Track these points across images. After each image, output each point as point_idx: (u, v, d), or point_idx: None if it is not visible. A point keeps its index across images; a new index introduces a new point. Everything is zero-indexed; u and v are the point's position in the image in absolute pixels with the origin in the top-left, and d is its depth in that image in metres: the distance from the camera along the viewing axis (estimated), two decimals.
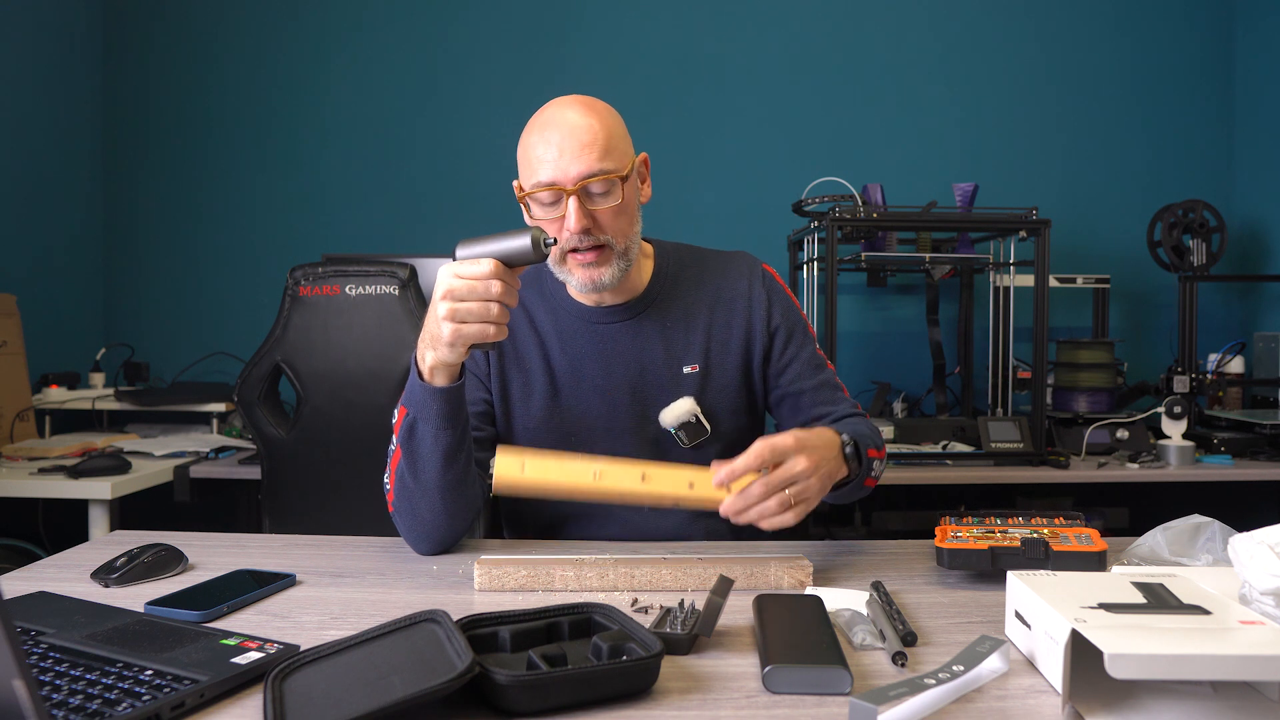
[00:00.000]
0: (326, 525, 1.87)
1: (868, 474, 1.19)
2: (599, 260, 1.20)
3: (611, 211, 1.19)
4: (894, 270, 2.90)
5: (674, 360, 1.29)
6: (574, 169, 1.16)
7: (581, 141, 1.16)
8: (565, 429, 1.28)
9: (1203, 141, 3.14)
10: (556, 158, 1.16)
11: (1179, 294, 2.70)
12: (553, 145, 1.17)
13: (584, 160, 1.16)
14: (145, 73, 3.15)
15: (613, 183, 1.18)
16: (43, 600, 0.96)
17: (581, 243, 1.19)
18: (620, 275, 1.23)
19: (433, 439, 1.11)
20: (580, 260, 1.20)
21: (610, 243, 1.20)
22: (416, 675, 0.71)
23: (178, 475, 2.28)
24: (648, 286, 1.31)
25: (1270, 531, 0.82)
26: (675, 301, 1.31)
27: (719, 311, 1.31)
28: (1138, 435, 2.51)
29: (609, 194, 1.19)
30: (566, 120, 1.18)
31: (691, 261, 1.35)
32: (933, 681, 0.72)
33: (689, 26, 3.11)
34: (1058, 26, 3.12)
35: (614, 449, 1.26)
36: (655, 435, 1.28)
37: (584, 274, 1.21)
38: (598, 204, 1.19)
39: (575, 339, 1.30)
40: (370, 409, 1.93)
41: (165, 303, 3.14)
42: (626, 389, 1.28)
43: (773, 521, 1.03)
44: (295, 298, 1.95)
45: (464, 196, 3.09)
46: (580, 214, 1.17)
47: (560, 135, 1.17)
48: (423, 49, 3.12)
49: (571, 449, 1.26)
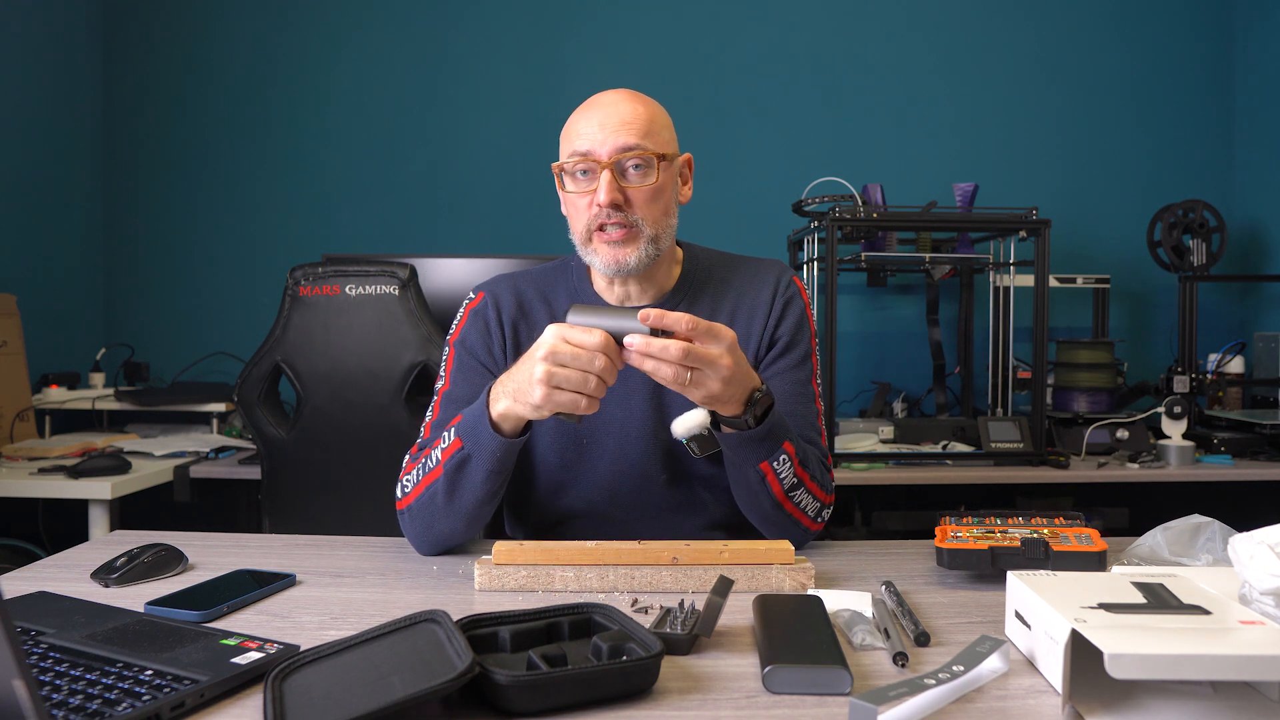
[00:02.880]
0: (326, 525, 1.86)
1: (767, 455, 1.11)
2: (626, 240, 1.17)
3: (646, 192, 1.17)
4: (894, 270, 2.90)
5: None
6: (611, 142, 1.15)
7: (623, 118, 1.16)
8: (578, 432, 1.25)
9: (1203, 141, 3.14)
10: (595, 131, 1.16)
11: (1179, 294, 2.70)
12: (594, 121, 1.17)
13: (622, 135, 1.15)
14: (145, 73, 3.15)
15: (650, 162, 1.17)
16: (43, 600, 0.96)
17: (610, 218, 1.16)
18: (646, 261, 1.19)
19: (483, 480, 1.11)
20: (606, 239, 1.17)
21: (640, 224, 1.17)
22: (416, 675, 0.71)
23: (178, 475, 2.28)
24: (673, 289, 1.28)
25: (1270, 531, 0.82)
26: (699, 309, 1.26)
27: (739, 318, 1.27)
28: (1138, 435, 2.51)
29: (645, 174, 1.17)
30: (611, 100, 1.19)
31: (720, 266, 1.32)
32: (933, 681, 0.72)
33: (689, 26, 3.11)
34: (1058, 27, 3.12)
35: (628, 454, 1.23)
36: (667, 443, 1.23)
37: (609, 253, 1.18)
38: (632, 182, 1.17)
39: None
40: (370, 409, 1.93)
41: (165, 303, 3.14)
42: (644, 393, 1.24)
43: (656, 376, 1.00)
44: (295, 298, 1.95)
45: (464, 196, 3.09)
46: (611, 187, 1.14)
47: (603, 113, 1.17)
48: (423, 49, 3.12)
49: (584, 452, 1.25)
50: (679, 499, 1.25)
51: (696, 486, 1.25)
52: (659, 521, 1.25)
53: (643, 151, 1.16)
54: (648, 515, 1.25)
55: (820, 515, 1.20)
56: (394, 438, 1.90)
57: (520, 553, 1.05)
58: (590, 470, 1.25)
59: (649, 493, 1.25)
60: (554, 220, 3.23)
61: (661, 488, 1.25)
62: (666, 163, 1.19)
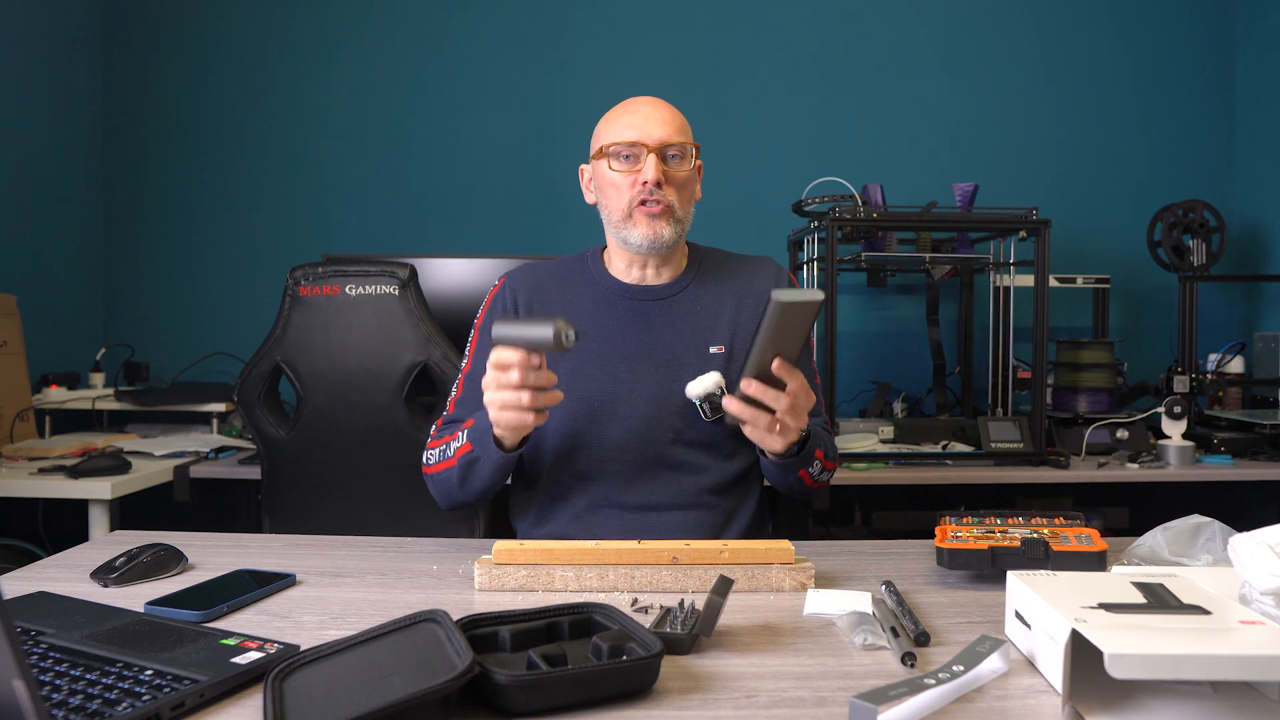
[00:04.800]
0: (326, 525, 1.87)
1: (806, 465, 1.28)
2: (662, 215, 1.32)
3: (682, 178, 1.34)
4: (894, 270, 2.90)
5: (702, 339, 1.36)
6: (656, 133, 1.32)
7: (663, 116, 1.34)
8: (588, 395, 1.32)
9: (1202, 141, 3.14)
10: (642, 123, 1.32)
11: (1179, 294, 2.70)
12: (638, 115, 1.33)
13: (665, 129, 1.32)
14: (145, 73, 3.15)
15: (686, 152, 1.34)
16: (43, 600, 0.96)
17: (652, 194, 1.30)
18: (673, 240, 1.34)
19: (490, 474, 1.25)
20: (647, 211, 1.31)
21: (674, 206, 1.33)
22: (416, 675, 0.71)
23: (178, 475, 2.28)
24: (683, 273, 1.42)
25: (1270, 531, 0.82)
26: (706, 289, 1.41)
27: (745, 304, 1.39)
28: (1138, 435, 2.51)
29: (681, 163, 1.34)
30: (652, 102, 1.36)
31: (721, 260, 1.46)
32: (933, 681, 0.72)
33: (689, 26, 3.11)
34: (1058, 26, 3.12)
35: (636, 416, 1.31)
36: (679, 406, 1.32)
37: (648, 225, 1.32)
38: (671, 166, 1.33)
39: (610, 309, 1.38)
40: (370, 409, 1.93)
41: (165, 303, 3.14)
42: (654, 359, 1.34)
43: (757, 432, 1.16)
44: (295, 298, 1.95)
45: (464, 196, 3.09)
46: (657, 167, 1.30)
47: (646, 109, 1.34)
48: (423, 49, 3.12)
49: (593, 415, 1.32)
50: (684, 460, 1.33)
51: (699, 449, 1.34)
52: (665, 482, 1.32)
53: (683, 143, 1.33)
54: (655, 475, 1.32)
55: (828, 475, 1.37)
56: (394, 438, 1.90)
57: (520, 552, 1.05)
58: (599, 433, 1.33)
59: (654, 453, 1.32)
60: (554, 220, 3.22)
61: (666, 449, 1.32)
62: (696, 157, 1.37)
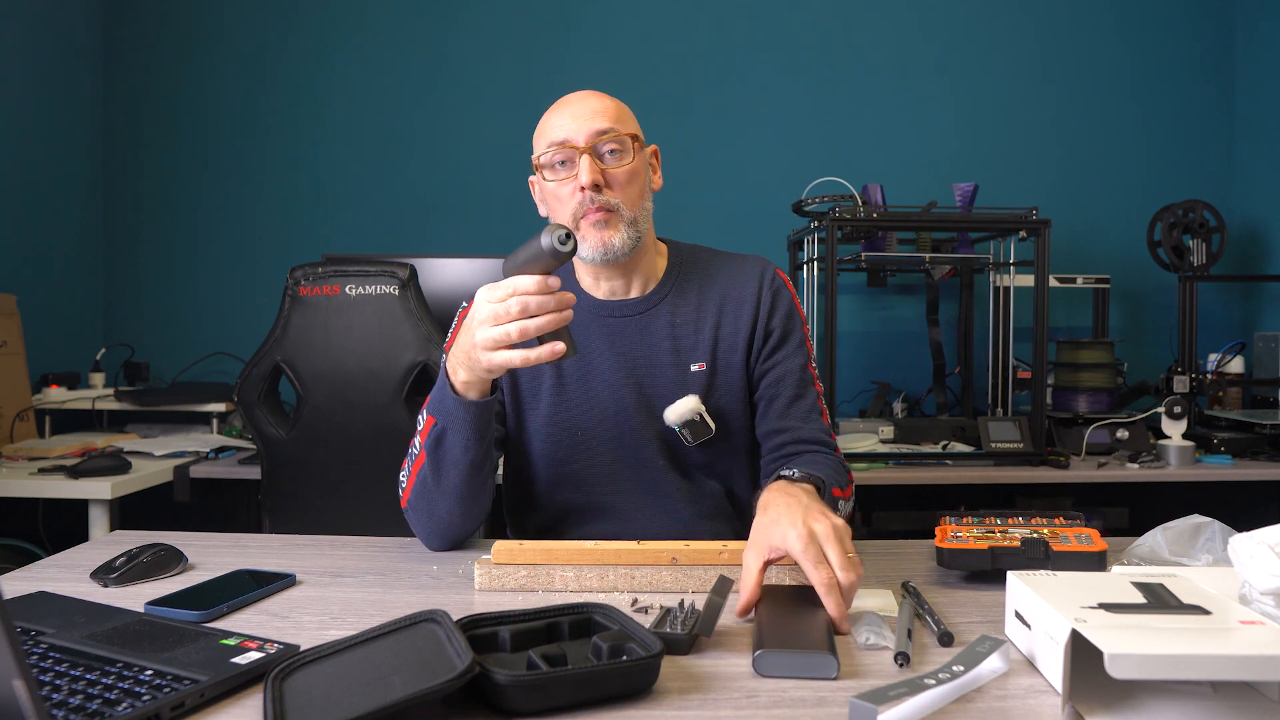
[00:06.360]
0: (326, 525, 1.87)
1: None
2: (608, 222, 1.20)
3: (623, 174, 1.21)
4: (894, 270, 2.90)
5: (681, 358, 1.28)
6: (586, 128, 1.19)
7: (593, 108, 1.21)
8: (571, 424, 1.27)
9: (1202, 141, 3.14)
10: (569, 121, 1.20)
11: (1179, 294, 2.70)
12: (566, 114, 1.21)
13: (596, 121, 1.20)
14: (145, 73, 3.15)
15: (624, 144, 1.21)
16: (43, 600, 0.96)
17: (592, 202, 1.19)
18: (630, 245, 1.22)
19: (462, 450, 1.13)
20: (590, 221, 1.20)
21: (619, 207, 1.21)
22: (416, 675, 0.71)
23: (178, 475, 2.28)
24: (659, 283, 1.32)
25: (1270, 531, 0.82)
26: (686, 300, 1.30)
27: (728, 312, 1.30)
28: (1138, 435, 2.51)
29: (620, 157, 1.21)
30: (579, 96, 1.24)
31: (705, 261, 1.35)
32: (933, 681, 0.72)
33: (689, 27, 3.11)
34: (1057, 26, 3.12)
35: (621, 444, 1.26)
36: (662, 431, 1.26)
37: (596, 235, 1.20)
38: (609, 164, 1.21)
39: (585, 332, 1.28)
40: (370, 409, 1.93)
41: (165, 303, 3.14)
42: (634, 384, 1.27)
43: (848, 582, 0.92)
44: (295, 298, 1.95)
45: (464, 196, 3.09)
46: (593, 169, 1.18)
47: (573, 106, 1.22)
48: (423, 49, 3.12)
49: (577, 444, 1.27)
50: (677, 486, 1.27)
51: (695, 473, 1.28)
52: (660, 510, 1.26)
53: (617, 134, 1.20)
54: (648, 504, 1.26)
55: None
56: (394, 438, 1.90)
57: (520, 553, 1.05)
58: (588, 462, 1.27)
59: (648, 481, 1.27)
60: None
61: (659, 474, 1.26)
62: (639, 145, 1.23)
